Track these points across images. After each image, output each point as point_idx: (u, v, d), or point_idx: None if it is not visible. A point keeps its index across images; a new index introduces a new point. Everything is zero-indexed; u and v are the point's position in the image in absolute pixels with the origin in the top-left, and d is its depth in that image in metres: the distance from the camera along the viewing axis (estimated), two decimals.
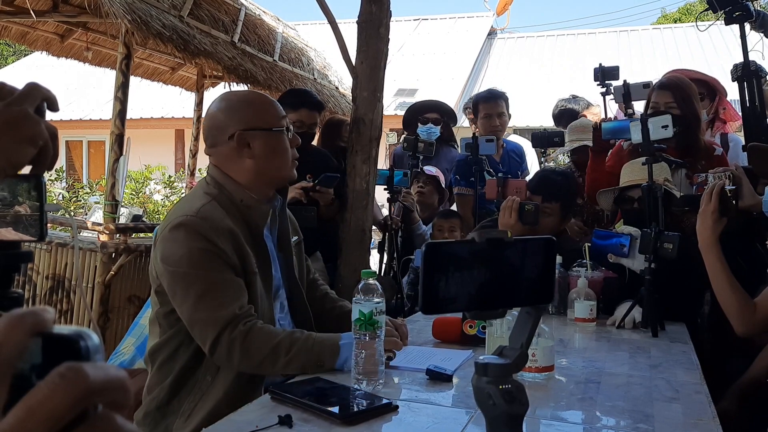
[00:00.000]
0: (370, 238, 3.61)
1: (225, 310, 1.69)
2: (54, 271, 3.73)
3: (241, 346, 1.67)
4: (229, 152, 1.86)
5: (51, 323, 0.39)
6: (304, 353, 1.69)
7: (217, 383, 1.76)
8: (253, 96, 2.06)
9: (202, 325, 1.70)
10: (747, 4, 3.04)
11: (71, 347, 0.39)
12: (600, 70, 3.85)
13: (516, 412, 0.89)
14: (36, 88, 0.81)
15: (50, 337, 0.39)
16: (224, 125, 1.87)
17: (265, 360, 1.69)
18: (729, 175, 2.36)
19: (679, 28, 15.79)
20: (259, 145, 1.86)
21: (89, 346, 0.39)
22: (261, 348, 1.68)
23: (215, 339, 1.68)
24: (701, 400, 1.56)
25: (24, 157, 0.78)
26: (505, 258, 0.88)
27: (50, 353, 0.38)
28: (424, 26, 16.67)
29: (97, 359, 0.39)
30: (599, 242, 2.54)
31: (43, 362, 0.38)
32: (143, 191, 10.11)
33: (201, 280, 1.70)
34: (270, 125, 1.88)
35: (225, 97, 1.96)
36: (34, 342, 0.38)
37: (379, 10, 3.36)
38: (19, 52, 19.02)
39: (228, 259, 1.74)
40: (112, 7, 3.35)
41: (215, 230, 1.74)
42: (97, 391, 0.37)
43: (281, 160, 1.90)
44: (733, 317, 2.10)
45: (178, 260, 1.72)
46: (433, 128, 4.02)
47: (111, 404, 0.38)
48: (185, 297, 1.71)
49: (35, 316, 0.39)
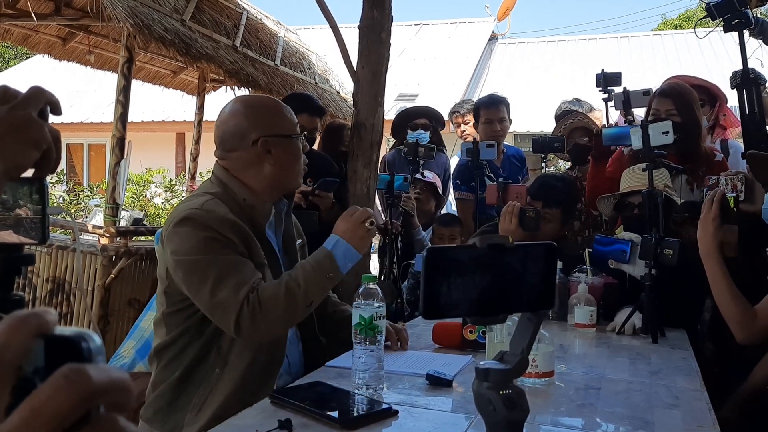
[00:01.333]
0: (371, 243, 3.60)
1: (241, 290, 1.69)
2: (54, 274, 3.73)
3: (261, 312, 1.68)
4: (249, 158, 1.86)
5: (53, 325, 0.39)
6: (311, 276, 1.75)
7: (226, 376, 1.76)
8: (272, 102, 2.04)
9: (224, 307, 1.70)
10: (746, 12, 3.04)
11: (74, 349, 0.39)
12: (602, 76, 3.85)
13: (516, 418, 0.89)
14: (40, 91, 0.81)
15: (53, 338, 0.39)
16: (246, 131, 1.86)
17: (287, 308, 1.72)
18: (741, 177, 2.36)
19: (680, 34, 15.81)
20: (280, 152, 1.87)
21: (91, 347, 0.39)
22: (276, 301, 1.70)
23: (237, 317, 1.68)
24: (701, 407, 1.56)
25: (27, 161, 0.78)
26: (506, 263, 0.88)
27: (53, 355, 0.38)
28: (426, 31, 16.69)
29: (99, 361, 0.39)
30: (601, 248, 2.53)
31: (46, 364, 0.38)
32: (144, 194, 10.11)
33: (214, 264, 1.71)
34: (290, 132, 1.90)
35: (244, 101, 1.96)
36: (37, 343, 0.39)
37: (380, 15, 3.37)
38: (21, 55, 19.05)
39: (236, 247, 1.75)
40: (114, 10, 3.36)
41: (220, 221, 1.74)
42: (99, 392, 0.37)
43: (297, 167, 1.93)
44: (733, 324, 2.10)
45: (189, 250, 1.73)
46: (423, 134, 4.01)
47: (113, 406, 0.38)
48: (202, 282, 1.71)
49: (38, 317, 0.39)
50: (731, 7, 3.01)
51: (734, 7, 3.00)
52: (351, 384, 1.58)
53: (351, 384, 1.58)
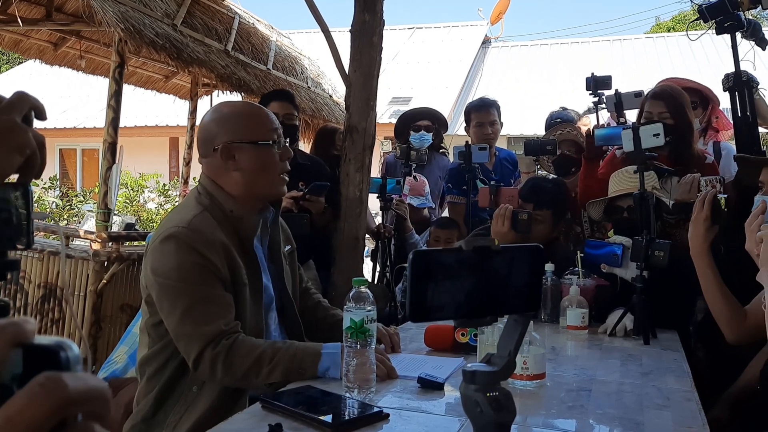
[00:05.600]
0: (364, 246, 3.61)
1: (210, 325, 1.68)
2: (46, 280, 3.72)
3: (224, 362, 1.67)
4: (216, 164, 1.86)
5: (32, 334, 0.39)
6: (287, 360, 1.68)
7: (203, 395, 1.76)
8: (244, 108, 2.01)
9: (187, 339, 1.70)
10: (738, 14, 3.06)
11: (52, 358, 0.39)
12: (592, 79, 3.87)
13: (503, 419, 0.89)
14: (23, 97, 0.80)
15: (31, 347, 0.39)
16: (212, 136, 1.86)
17: (248, 372, 1.68)
18: (720, 179, 2.38)
19: (672, 37, 15.87)
20: (245, 158, 1.84)
21: (69, 356, 0.39)
22: (244, 360, 1.68)
23: (198, 354, 1.68)
24: (692, 408, 1.57)
25: (11, 166, 0.78)
26: (493, 266, 0.88)
27: (31, 363, 0.38)
28: (419, 35, 16.72)
29: (77, 369, 0.39)
30: (592, 252, 2.54)
31: (24, 372, 0.38)
32: (137, 200, 10.09)
33: (188, 294, 1.70)
34: (256, 138, 1.86)
35: (217, 107, 1.95)
36: (15, 353, 0.38)
37: (372, 18, 3.37)
38: (12, 60, 19.00)
39: (218, 273, 1.73)
40: (105, 15, 3.36)
41: (206, 243, 1.73)
42: (76, 401, 0.36)
43: (268, 175, 1.88)
44: (723, 324, 2.11)
45: (167, 272, 1.72)
46: (426, 135, 4.04)
47: (91, 414, 0.38)
48: (172, 310, 1.71)
49: (16, 326, 0.39)
50: (724, 10, 3.03)
51: (726, 9, 3.01)
52: (342, 388, 1.58)
53: (342, 388, 1.58)
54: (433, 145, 4.15)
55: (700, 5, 3.16)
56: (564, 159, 3.42)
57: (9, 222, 0.77)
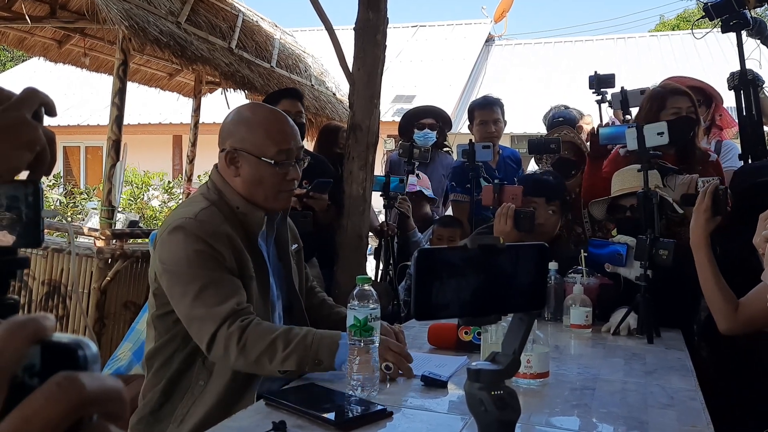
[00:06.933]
0: (367, 244, 3.61)
1: (223, 305, 1.68)
2: (50, 277, 3.72)
3: (239, 342, 1.66)
4: (223, 162, 1.88)
5: (51, 331, 0.39)
6: (303, 349, 1.66)
7: (210, 388, 1.76)
8: (265, 119, 1.90)
9: (200, 321, 1.69)
10: (744, 12, 3.05)
11: (70, 356, 0.39)
12: (595, 77, 3.86)
13: (508, 418, 0.89)
14: (34, 93, 0.80)
15: (50, 345, 0.39)
16: (225, 135, 1.88)
17: (261, 356, 1.66)
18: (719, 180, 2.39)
19: (677, 35, 15.84)
20: (246, 168, 1.85)
21: (87, 355, 0.39)
22: (258, 343, 1.66)
23: (213, 334, 1.67)
24: (696, 407, 1.57)
25: (21, 163, 0.78)
26: (498, 264, 0.88)
27: (49, 361, 0.38)
28: (422, 33, 16.71)
29: (95, 369, 0.39)
30: (596, 251, 2.54)
31: (42, 370, 0.38)
32: (141, 197, 10.11)
33: (199, 278, 1.71)
34: (260, 154, 1.84)
35: (243, 109, 1.95)
36: (34, 350, 0.38)
37: (375, 16, 3.37)
38: (17, 58, 19.03)
39: (225, 262, 1.74)
40: (109, 13, 3.36)
41: (213, 234, 1.74)
42: (92, 401, 0.36)
43: (263, 190, 1.86)
44: (716, 314, 2.14)
45: (176, 261, 1.73)
46: (430, 133, 4.04)
47: (106, 415, 0.38)
48: (183, 295, 1.71)
49: (36, 323, 0.39)
50: (729, 8, 3.02)
51: (732, 7, 3.01)
52: (345, 385, 1.58)
53: (345, 385, 1.58)
54: (437, 143, 4.15)
55: (706, 3, 3.15)
56: (562, 162, 3.42)
57: (20, 220, 0.77)
